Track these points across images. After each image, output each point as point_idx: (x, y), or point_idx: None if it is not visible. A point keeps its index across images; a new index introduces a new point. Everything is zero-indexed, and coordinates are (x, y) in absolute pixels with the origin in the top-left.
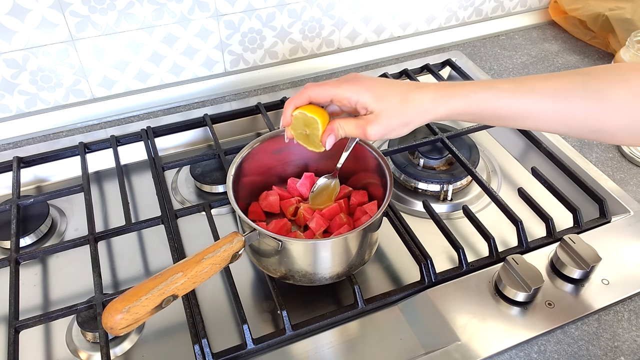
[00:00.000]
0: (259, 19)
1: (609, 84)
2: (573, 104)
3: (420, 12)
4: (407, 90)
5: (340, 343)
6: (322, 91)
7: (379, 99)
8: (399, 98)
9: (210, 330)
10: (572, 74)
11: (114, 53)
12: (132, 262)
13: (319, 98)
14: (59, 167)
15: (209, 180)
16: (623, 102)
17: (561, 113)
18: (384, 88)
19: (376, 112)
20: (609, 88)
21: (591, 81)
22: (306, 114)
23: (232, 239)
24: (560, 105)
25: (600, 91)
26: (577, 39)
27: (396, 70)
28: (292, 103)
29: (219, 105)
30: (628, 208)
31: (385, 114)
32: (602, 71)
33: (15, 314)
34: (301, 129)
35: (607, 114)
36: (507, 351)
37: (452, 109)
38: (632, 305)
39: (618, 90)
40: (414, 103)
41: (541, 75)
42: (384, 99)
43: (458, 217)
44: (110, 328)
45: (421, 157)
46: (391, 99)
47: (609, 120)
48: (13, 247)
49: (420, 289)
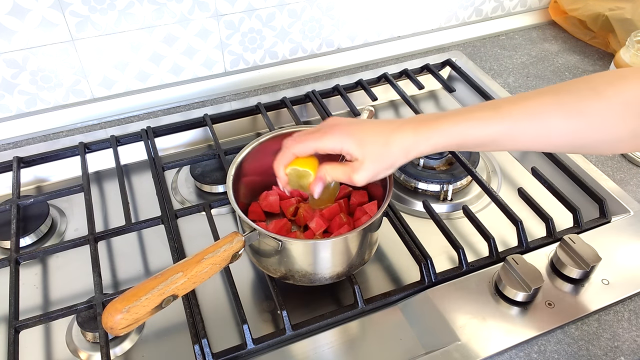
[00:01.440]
0: (259, 19)
1: (583, 99)
2: (551, 124)
3: (420, 12)
4: (389, 133)
5: (340, 343)
6: (305, 147)
7: (362, 146)
8: (381, 142)
9: (210, 330)
10: (547, 93)
11: (114, 53)
12: (132, 262)
13: (302, 154)
14: (59, 167)
15: (209, 180)
16: (600, 117)
17: (541, 134)
18: (365, 134)
19: (360, 158)
20: (583, 104)
21: (565, 99)
22: (298, 169)
23: (232, 239)
24: (539, 127)
25: (574, 109)
26: (577, 39)
27: (396, 70)
28: (281, 163)
29: (219, 105)
30: (628, 208)
31: (369, 160)
32: (574, 87)
33: (15, 314)
34: (296, 182)
35: (584, 131)
36: (507, 351)
37: (434, 145)
38: (632, 305)
39: (593, 106)
40: (395, 145)
41: (517, 97)
42: (367, 145)
43: (458, 217)
44: (110, 328)
45: (421, 157)
46: (373, 144)
47: (589, 136)
48: (13, 247)
49: (420, 289)
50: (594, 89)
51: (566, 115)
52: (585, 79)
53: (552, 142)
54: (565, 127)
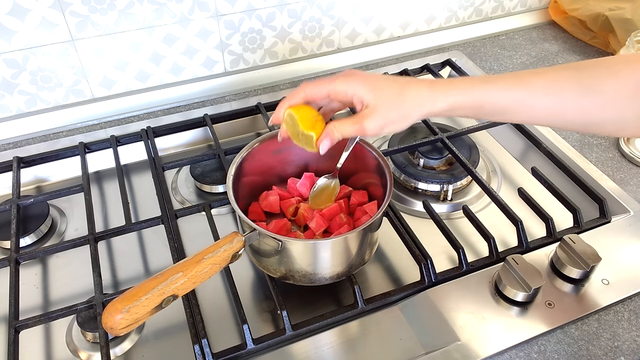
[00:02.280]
0: (259, 19)
1: (599, 78)
2: (566, 98)
3: (420, 12)
4: (404, 84)
5: (340, 343)
6: (317, 88)
7: (374, 92)
8: (396, 91)
9: (210, 330)
10: (565, 69)
11: (114, 53)
12: (132, 262)
13: (315, 95)
14: (59, 167)
15: (209, 180)
16: (613, 96)
17: (554, 107)
18: (380, 81)
19: (372, 105)
20: (600, 82)
21: (582, 76)
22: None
23: (232, 239)
24: (554, 100)
25: (590, 86)
26: (577, 39)
27: (396, 70)
28: (287, 101)
29: (219, 105)
30: (628, 208)
31: (381, 106)
32: (594, 65)
33: (15, 314)
34: (296, 128)
35: (597, 108)
36: (507, 351)
37: (451, 102)
38: (632, 305)
39: (608, 85)
40: (411, 96)
41: (536, 70)
42: (380, 91)
43: (458, 217)
44: (110, 328)
45: (421, 157)
46: (387, 91)
47: (599, 114)
48: (13, 247)
49: (420, 289)
50: (610, 68)
51: (581, 91)
52: (605, 59)
53: (564, 116)
54: (578, 103)
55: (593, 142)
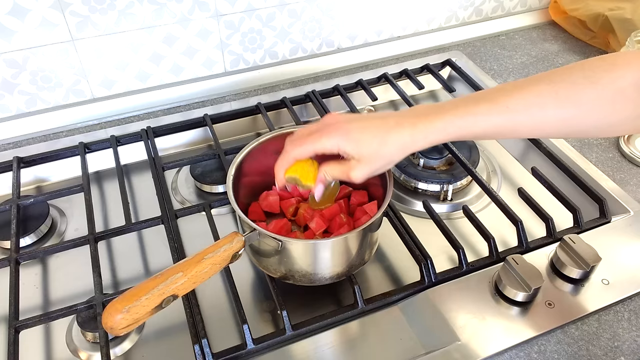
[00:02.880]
0: (259, 19)
1: (576, 88)
2: (547, 114)
3: (420, 12)
4: (385, 131)
5: (340, 343)
6: (303, 149)
7: (358, 146)
8: (377, 141)
9: (210, 330)
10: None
11: (114, 53)
12: (132, 262)
13: (303, 156)
14: (59, 167)
15: (209, 180)
16: (592, 105)
17: (537, 123)
18: (361, 133)
19: (357, 157)
20: (578, 93)
21: (559, 88)
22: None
23: (232, 239)
24: (535, 118)
25: (569, 97)
26: (577, 39)
27: (396, 70)
28: (281, 167)
29: (219, 105)
30: (628, 208)
31: (366, 158)
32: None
33: (15, 314)
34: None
35: (578, 118)
36: (507, 351)
37: (431, 142)
38: (632, 305)
39: (587, 94)
40: (393, 142)
41: (511, 86)
42: (363, 144)
43: (458, 217)
44: (110, 328)
45: (421, 157)
46: (370, 143)
47: (581, 123)
48: (13, 247)
49: (420, 289)
50: (588, 78)
51: (561, 104)
52: (580, 65)
53: (548, 130)
54: (560, 116)
55: (593, 142)
